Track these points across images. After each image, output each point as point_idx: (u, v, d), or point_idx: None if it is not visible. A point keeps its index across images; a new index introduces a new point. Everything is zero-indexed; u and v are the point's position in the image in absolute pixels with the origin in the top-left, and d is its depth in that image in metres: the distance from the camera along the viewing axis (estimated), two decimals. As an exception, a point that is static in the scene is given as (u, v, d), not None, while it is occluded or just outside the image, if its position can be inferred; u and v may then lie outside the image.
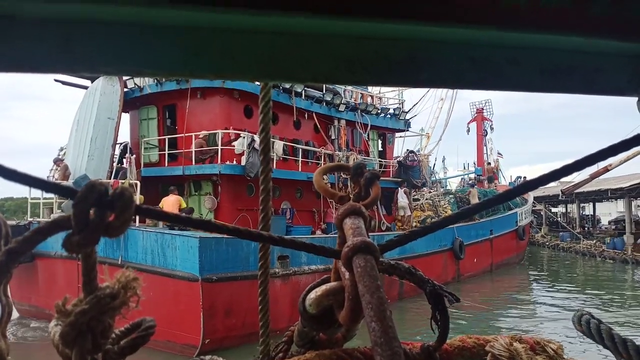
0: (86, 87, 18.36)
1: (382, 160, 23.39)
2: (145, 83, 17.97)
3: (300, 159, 18.34)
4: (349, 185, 1.20)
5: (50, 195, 17.79)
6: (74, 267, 12.84)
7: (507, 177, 44.08)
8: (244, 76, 0.80)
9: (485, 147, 42.88)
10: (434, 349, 1.18)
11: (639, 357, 1.07)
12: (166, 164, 17.26)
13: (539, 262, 35.33)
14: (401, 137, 27.10)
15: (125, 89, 17.54)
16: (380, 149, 24.32)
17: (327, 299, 1.02)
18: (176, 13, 0.68)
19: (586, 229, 46.69)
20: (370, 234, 0.82)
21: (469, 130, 44.27)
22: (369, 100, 23.53)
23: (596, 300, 19.49)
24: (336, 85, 21.31)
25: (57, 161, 17.36)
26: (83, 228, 0.66)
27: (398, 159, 24.72)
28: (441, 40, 0.80)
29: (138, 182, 15.26)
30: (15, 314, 16.89)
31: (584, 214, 53.29)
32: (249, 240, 0.91)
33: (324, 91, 20.20)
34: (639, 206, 51.48)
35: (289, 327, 1.25)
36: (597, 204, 52.75)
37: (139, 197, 14.09)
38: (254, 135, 15.34)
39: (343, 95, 21.09)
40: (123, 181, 14.63)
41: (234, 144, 16.01)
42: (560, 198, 43.43)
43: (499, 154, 43.88)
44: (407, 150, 25.66)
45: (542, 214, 51.29)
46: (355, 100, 22.14)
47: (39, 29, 0.68)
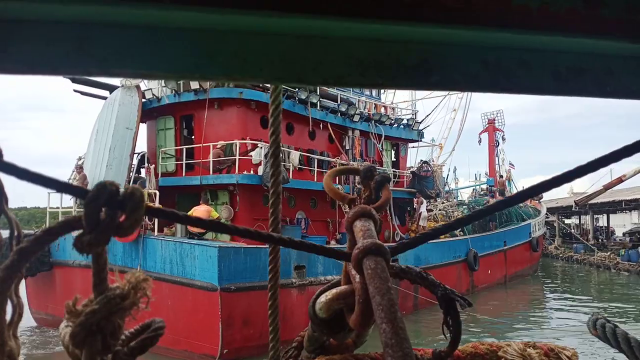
0: (104, 98, 18.59)
1: (396, 171, 23.36)
2: (163, 94, 18.18)
3: (315, 169, 18.40)
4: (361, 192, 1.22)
5: (70, 204, 18.03)
6: (91, 276, 12.93)
7: (519, 187, 43.85)
8: (254, 78, 0.79)
9: (497, 158, 42.80)
10: (446, 354, 1.16)
11: None
12: (183, 174, 17.42)
13: (552, 274, 34.97)
14: (414, 147, 27.14)
15: (143, 100, 17.72)
16: (393, 159, 24.32)
17: (338, 302, 1.01)
18: (188, 15, 0.69)
19: (600, 240, 46.20)
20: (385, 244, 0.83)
21: (480, 141, 44.25)
22: (383, 110, 23.59)
23: (611, 312, 19.26)
24: (350, 96, 21.41)
25: (79, 168, 17.48)
26: (94, 228, 0.66)
27: (412, 170, 24.68)
28: (453, 43, 0.80)
29: (157, 192, 15.38)
30: (33, 323, 16.98)
31: (597, 225, 52.70)
32: (258, 240, 0.91)
33: (339, 102, 20.30)
34: (653, 218, 50.93)
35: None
36: (611, 215, 52.21)
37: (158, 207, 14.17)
38: (271, 146, 15.39)
39: (357, 105, 21.17)
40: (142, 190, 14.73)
41: (251, 154, 16.12)
42: (573, 209, 43.05)
43: (511, 164, 43.67)
44: (421, 160, 25.61)
45: (555, 225, 50.81)
46: (369, 111, 22.21)
47: (54, 31, 0.68)
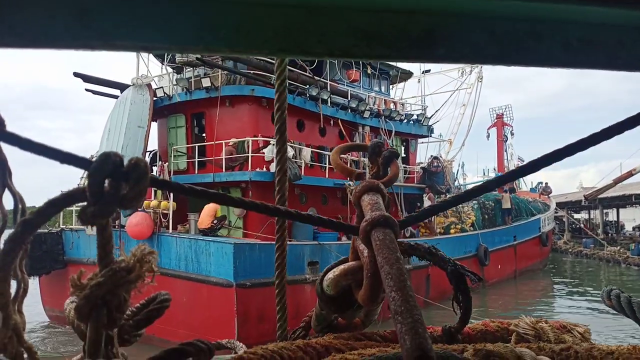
0: (115, 97, 18.71)
1: (406, 166, 23.37)
2: (175, 92, 18.26)
3: (327, 165, 18.43)
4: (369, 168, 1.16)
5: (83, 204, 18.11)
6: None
7: (528, 182, 43.63)
8: (259, 51, 0.77)
9: (505, 153, 42.54)
10: (456, 330, 1.13)
11: None
12: (195, 172, 17.50)
13: (562, 268, 34.82)
14: (423, 142, 27.07)
15: (155, 98, 17.82)
16: (403, 155, 24.30)
17: (346, 278, 1.00)
18: None
19: (610, 235, 45.90)
20: None
21: (489, 136, 43.98)
22: (392, 106, 23.56)
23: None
24: (359, 92, 21.38)
25: None
26: (98, 199, 0.65)
27: (422, 165, 24.65)
28: (460, 13, 0.77)
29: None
30: (46, 319, 17.16)
31: (607, 219, 52.37)
32: (265, 214, 0.88)
33: (349, 98, 20.31)
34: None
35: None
36: (621, 210, 51.87)
37: (171, 204, 14.31)
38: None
39: (367, 101, 21.17)
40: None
41: (264, 151, 16.18)
42: (583, 204, 42.83)
43: (520, 159, 43.42)
44: (431, 156, 25.57)
45: (564, 220, 50.56)
46: (378, 107, 22.19)
47: (55, 3, 0.67)
